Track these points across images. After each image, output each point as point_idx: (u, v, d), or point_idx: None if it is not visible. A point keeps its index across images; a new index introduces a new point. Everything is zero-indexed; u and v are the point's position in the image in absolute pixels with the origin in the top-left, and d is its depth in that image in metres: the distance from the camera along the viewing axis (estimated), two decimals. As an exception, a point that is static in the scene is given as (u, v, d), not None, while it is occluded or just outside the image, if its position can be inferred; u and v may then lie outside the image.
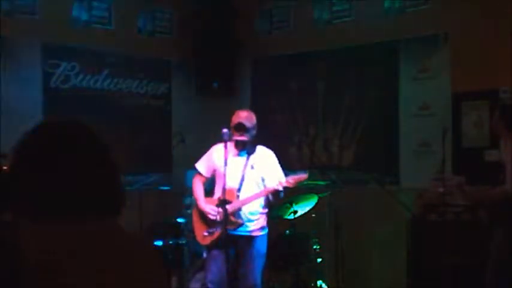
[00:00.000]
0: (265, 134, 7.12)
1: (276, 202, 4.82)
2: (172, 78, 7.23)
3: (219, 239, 4.52)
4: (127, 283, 1.34)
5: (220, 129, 4.53)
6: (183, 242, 5.74)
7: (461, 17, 5.80)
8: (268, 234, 4.84)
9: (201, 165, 4.82)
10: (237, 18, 7.15)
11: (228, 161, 4.54)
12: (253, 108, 7.28)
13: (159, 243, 5.73)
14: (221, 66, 7.05)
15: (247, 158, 4.59)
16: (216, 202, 4.57)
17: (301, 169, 4.69)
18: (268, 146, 4.83)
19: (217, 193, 4.64)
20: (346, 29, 6.59)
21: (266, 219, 4.78)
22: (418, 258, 5.50)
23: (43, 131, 1.41)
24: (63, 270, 1.27)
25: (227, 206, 4.40)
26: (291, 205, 5.32)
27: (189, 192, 5.21)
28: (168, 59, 7.21)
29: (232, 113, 4.68)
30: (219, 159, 4.64)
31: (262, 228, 4.69)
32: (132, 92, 6.88)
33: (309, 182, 4.93)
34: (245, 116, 4.58)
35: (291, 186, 4.48)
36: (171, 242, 5.73)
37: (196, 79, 7.16)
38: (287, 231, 5.67)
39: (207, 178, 4.81)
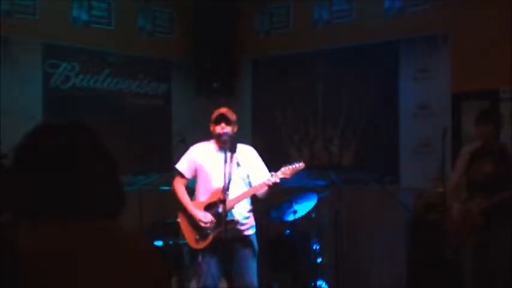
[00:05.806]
0: (265, 134, 7.16)
1: (267, 197, 4.53)
2: (172, 78, 7.22)
3: (213, 241, 4.43)
4: (127, 283, 1.34)
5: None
6: (183, 242, 5.74)
7: (461, 17, 5.80)
8: (268, 234, 4.81)
9: (183, 166, 4.65)
10: (237, 18, 7.15)
11: (211, 159, 4.51)
12: (254, 108, 7.32)
13: (159, 243, 5.74)
14: (221, 66, 7.05)
15: (231, 156, 4.36)
16: (204, 205, 4.50)
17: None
18: (268, 146, 4.80)
19: (202, 194, 4.57)
20: (346, 29, 6.59)
21: (254, 217, 4.64)
22: (418, 258, 5.50)
23: (43, 131, 1.41)
24: (62, 270, 1.27)
25: (219, 207, 4.35)
26: (291, 205, 5.33)
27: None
28: (168, 59, 7.20)
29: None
30: (201, 158, 4.58)
31: (252, 226, 4.59)
32: (132, 92, 6.87)
33: (309, 182, 4.90)
34: (225, 110, 4.52)
35: (287, 176, 4.30)
36: (171, 242, 5.73)
37: (196, 79, 7.15)
38: (287, 231, 5.68)
39: (188, 180, 4.68)
